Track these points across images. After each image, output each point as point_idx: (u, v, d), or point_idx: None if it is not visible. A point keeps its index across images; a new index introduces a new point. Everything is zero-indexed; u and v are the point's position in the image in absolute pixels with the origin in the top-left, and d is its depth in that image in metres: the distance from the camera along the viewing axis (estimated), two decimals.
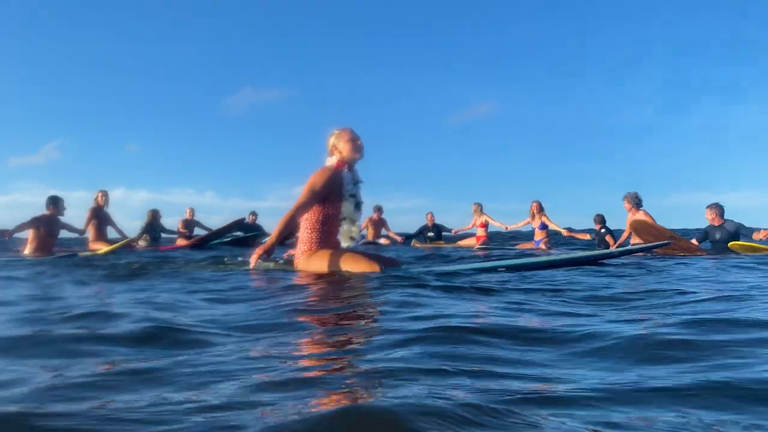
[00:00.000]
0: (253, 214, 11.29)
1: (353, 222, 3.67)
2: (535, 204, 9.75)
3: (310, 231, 3.59)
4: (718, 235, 6.86)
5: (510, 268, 3.68)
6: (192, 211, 10.54)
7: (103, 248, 7.33)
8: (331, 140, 3.71)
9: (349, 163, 3.68)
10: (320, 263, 3.48)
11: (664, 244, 4.64)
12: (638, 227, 6.56)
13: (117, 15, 18.39)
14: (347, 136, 3.67)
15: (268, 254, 3.50)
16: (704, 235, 7.05)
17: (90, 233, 8.13)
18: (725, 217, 6.90)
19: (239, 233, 9.96)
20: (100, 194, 8.31)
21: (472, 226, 10.81)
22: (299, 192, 3.55)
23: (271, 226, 10.42)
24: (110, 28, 18.30)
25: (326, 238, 3.61)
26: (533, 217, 9.79)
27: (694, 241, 6.88)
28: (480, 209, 10.70)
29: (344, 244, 3.65)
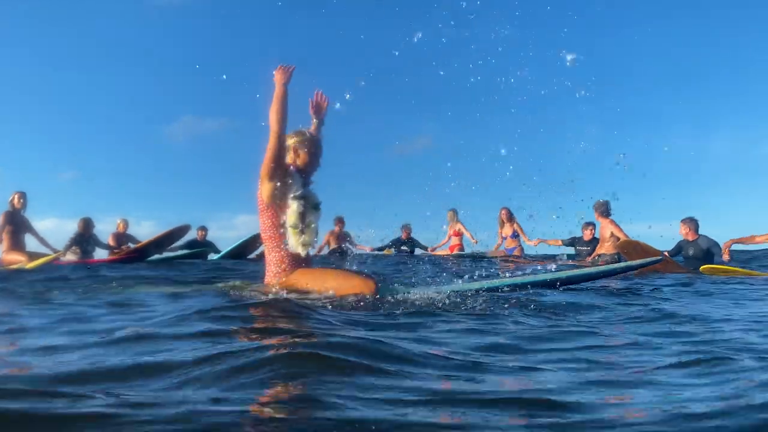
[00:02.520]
0: (203, 229, 9.77)
1: (308, 226, 2.97)
2: (504, 211, 9.00)
3: (277, 249, 2.95)
4: (691, 251, 6.74)
5: (514, 287, 3.20)
6: (125, 223, 8.91)
7: (21, 259, 6.24)
8: (293, 140, 3.06)
9: (296, 168, 3.06)
10: (303, 282, 2.85)
11: (658, 260, 4.39)
12: (627, 248, 6.31)
13: (51, 39, 16.82)
14: (312, 149, 3.08)
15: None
16: (677, 249, 6.91)
17: (4, 242, 6.92)
18: (699, 232, 6.80)
19: (185, 250, 8.60)
20: (16, 196, 7.11)
21: (448, 239, 9.89)
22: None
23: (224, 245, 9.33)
24: (43, 52, 16.65)
25: (297, 255, 2.97)
26: (503, 225, 9.08)
27: (665, 253, 6.72)
28: (455, 216, 9.75)
29: (299, 250, 2.94)
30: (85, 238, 7.61)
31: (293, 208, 2.90)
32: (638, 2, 16.57)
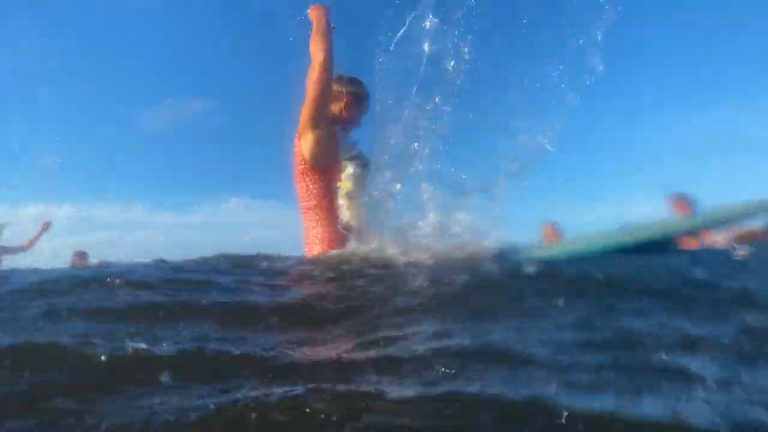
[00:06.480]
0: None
1: (358, 192, 2.37)
2: (550, 229, 6.61)
3: (324, 223, 2.34)
4: None
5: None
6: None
7: None
8: (345, 88, 2.49)
9: (343, 124, 2.52)
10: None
11: None
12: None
13: (28, 19, 17.26)
14: (366, 102, 2.52)
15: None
16: None
17: None
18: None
19: None
20: None
21: None
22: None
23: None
24: (19, 33, 17.03)
25: (346, 229, 2.39)
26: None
27: None
28: None
29: (353, 224, 2.36)
30: None
31: (348, 171, 2.33)
32: None
